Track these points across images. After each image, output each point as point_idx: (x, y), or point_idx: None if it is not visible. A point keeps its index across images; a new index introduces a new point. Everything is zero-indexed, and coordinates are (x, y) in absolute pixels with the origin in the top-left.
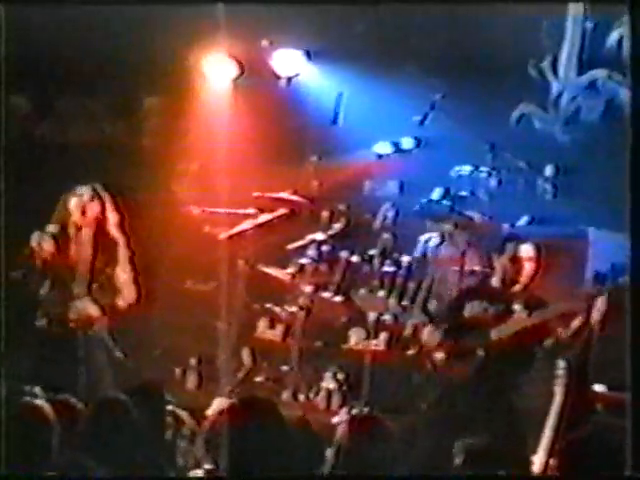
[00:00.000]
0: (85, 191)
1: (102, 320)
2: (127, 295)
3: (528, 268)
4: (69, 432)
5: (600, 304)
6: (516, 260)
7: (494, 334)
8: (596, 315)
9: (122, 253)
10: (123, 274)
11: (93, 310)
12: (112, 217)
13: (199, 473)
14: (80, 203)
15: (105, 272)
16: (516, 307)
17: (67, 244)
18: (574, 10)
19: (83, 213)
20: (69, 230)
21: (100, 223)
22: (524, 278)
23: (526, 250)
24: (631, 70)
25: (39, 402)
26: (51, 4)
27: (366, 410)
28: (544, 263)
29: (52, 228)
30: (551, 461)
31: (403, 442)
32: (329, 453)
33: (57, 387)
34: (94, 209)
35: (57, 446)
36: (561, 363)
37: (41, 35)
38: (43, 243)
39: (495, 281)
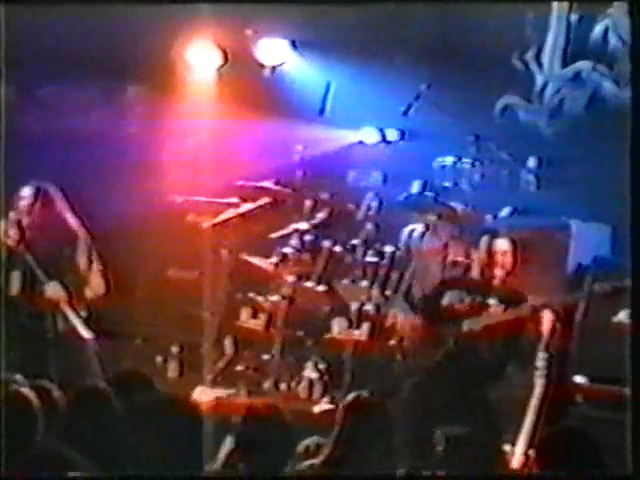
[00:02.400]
0: (28, 192)
1: (69, 304)
2: (95, 287)
3: (504, 262)
4: (51, 420)
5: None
6: (492, 254)
7: (465, 325)
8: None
9: (82, 246)
10: (86, 267)
11: (61, 293)
12: (66, 214)
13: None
14: (25, 205)
15: (69, 262)
16: (491, 301)
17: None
18: (559, 3)
19: (30, 214)
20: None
21: (55, 219)
22: (501, 272)
23: (501, 244)
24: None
25: (23, 390)
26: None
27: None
28: (521, 257)
29: (13, 215)
30: (530, 452)
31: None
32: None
33: (35, 374)
34: (42, 209)
35: (41, 434)
36: (541, 354)
37: (25, 24)
38: (9, 231)
39: (474, 273)
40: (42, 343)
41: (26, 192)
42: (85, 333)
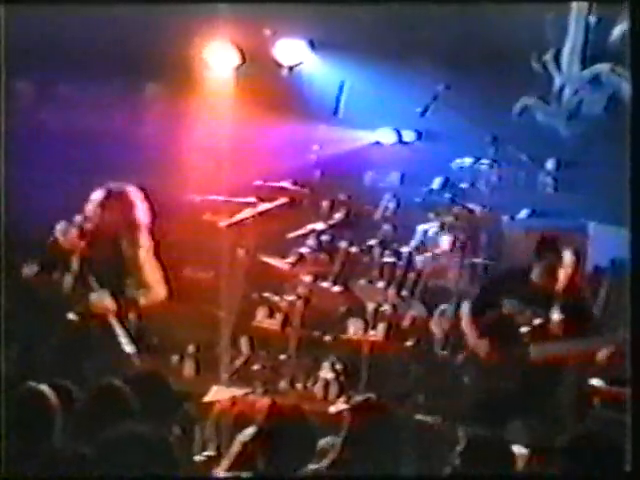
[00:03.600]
0: (100, 194)
1: (117, 315)
2: (155, 293)
3: (566, 273)
4: (69, 418)
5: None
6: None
7: (533, 353)
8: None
9: (148, 251)
10: (151, 272)
11: (109, 303)
12: (141, 218)
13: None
14: (96, 206)
15: (132, 267)
16: (555, 315)
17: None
18: (578, 5)
19: (102, 215)
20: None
21: (124, 223)
22: (562, 283)
23: (565, 256)
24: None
25: (42, 387)
26: None
27: (372, 397)
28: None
29: (78, 219)
30: (544, 455)
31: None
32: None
33: (59, 374)
34: (114, 210)
35: (59, 432)
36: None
37: (45, 21)
38: (69, 234)
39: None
40: (79, 347)
41: (97, 195)
42: (128, 348)
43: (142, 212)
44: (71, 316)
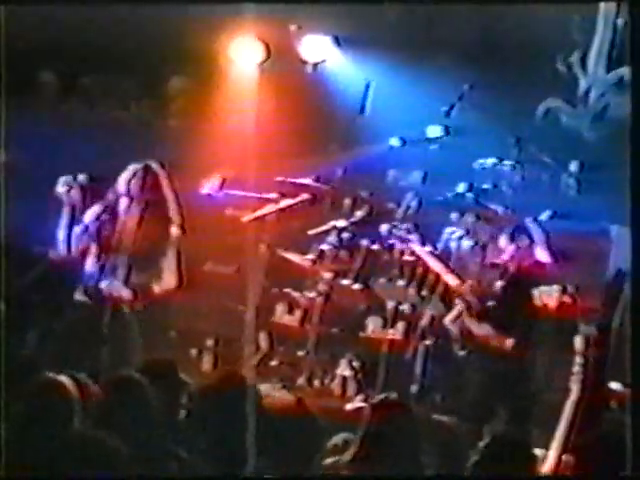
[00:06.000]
0: (136, 166)
1: (132, 303)
2: (166, 281)
3: None
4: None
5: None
6: None
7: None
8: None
9: (174, 234)
10: (168, 258)
11: (125, 292)
12: (168, 194)
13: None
14: (129, 176)
15: (151, 253)
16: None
17: (115, 218)
18: (606, 6)
19: (130, 187)
20: (117, 205)
21: (153, 200)
22: None
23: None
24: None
25: (61, 377)
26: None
27: (393, 396)
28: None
29: (82, 178)
30: (564, 457)
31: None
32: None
33: (75, 365)
34: (146, 183)
35: (78, 422)
36: (578, 359)
37: (70, 14)
38: (72, 190)
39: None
40: (93, 338)
41: (125, 172)
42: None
43: (169, 188)
44: (79, 297)
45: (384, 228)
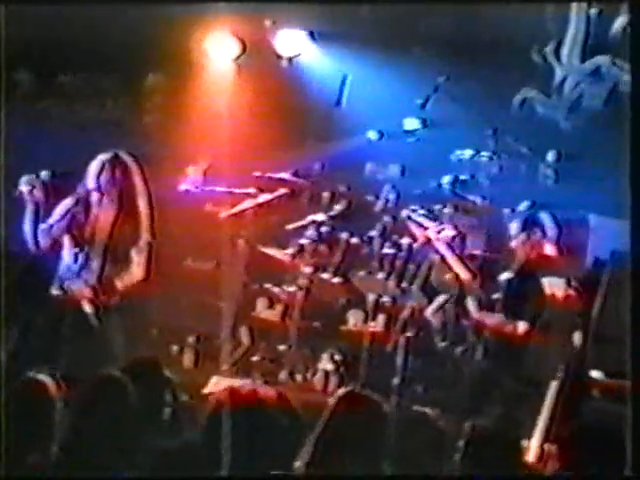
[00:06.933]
0: (106, 156)
1: (91, 301)
2: (134, 275)
3: None
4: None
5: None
6: None
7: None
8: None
9: (144, 239)
10: (138, 251)
11: (86, 291)
12: (138, 184)
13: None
14: (100, 166)
15: (122, 245)
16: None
17: (87, 211)
18: None
19: (100, 177)
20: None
21: (124, 191)
22: None
23: None
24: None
25: (42, 377)
26: None
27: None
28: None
29: (44, 175)
30: (546, 446)
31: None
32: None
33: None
34: (116, 173)
35: (59, 422)
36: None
37: (45, 11)
38: (34, 188)
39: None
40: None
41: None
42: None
43: (140, 178)
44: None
45: (404, 213)
